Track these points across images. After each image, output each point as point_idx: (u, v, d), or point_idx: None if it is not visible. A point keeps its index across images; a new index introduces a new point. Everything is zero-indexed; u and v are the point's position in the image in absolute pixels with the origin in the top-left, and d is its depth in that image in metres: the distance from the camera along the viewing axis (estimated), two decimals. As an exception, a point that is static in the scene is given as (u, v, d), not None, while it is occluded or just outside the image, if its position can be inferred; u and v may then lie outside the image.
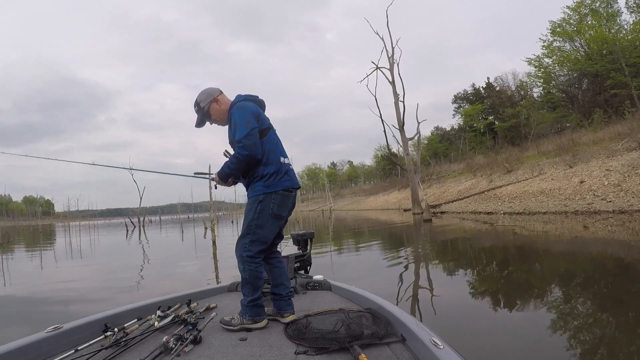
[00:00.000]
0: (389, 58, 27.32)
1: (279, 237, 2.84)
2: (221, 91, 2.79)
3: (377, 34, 27.55)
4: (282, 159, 2.65)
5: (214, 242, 12.54)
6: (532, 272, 6.56)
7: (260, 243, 2.59)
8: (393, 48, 27.27)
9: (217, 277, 7.80)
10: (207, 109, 2.73)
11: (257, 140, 2.51)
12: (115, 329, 2.28)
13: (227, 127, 2.75)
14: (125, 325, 2.43)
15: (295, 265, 3.78)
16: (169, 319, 2.56)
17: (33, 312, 5.67)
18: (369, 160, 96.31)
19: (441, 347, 1.73)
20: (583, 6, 34.78)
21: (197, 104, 2.75)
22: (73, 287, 7.50)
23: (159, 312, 2.60)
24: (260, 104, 2.80)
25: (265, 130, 2.63)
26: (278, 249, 2.92)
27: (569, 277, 5.99)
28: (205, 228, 22.61)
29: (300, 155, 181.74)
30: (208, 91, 2.75)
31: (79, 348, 2.07)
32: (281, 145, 2.75)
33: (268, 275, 2.80)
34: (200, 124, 2.82)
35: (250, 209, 2.60)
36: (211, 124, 2.83)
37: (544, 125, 36.29)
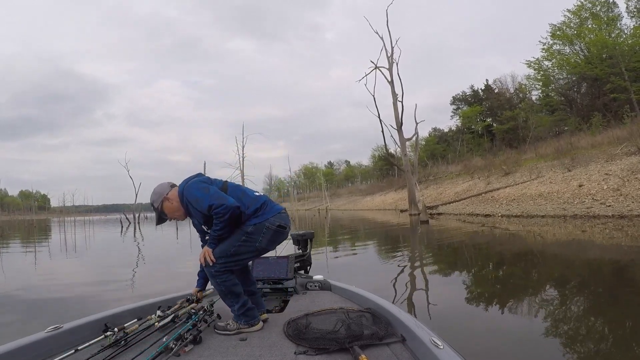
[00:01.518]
0: (388, 58, 27.21)
1: None
2: (172, 186, 2.72)
3: (377, 33, 27.50)
4: (255, 194, 2.66)
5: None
6: (529, 274, 6.57)
7: (233, 265, 2.55)
8: (392, 47, 27.20)
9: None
10: (160, 209, 2.67)
11: (221, 194, 2.49)
12: (115, 329, 2.26)
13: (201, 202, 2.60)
14: (125, 325, 2.41)
15: (295, 265, 3.74)
16: (169, 318, 2.56)
17: (25, 310, 5.49)
18: (366, 160, 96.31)
19: (441, 347, 1.73)
20: (584, 10, 34.77)
21: (151, 205, 2.71)
22: (62, 289, 7.32)
23: (158, 312, 2.59)
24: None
25: (223, 186, 2.63)
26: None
27: (565, 280, 6.01)
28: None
29: (297, 155, 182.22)
30: (158, 191, 2.69)
31: (79, 348, 2.05)
32: (245, 187, 2.74)
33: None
34: (159, 221, 2.77)
35: (234, 237, 2.53)
36: (170, 220, 2.78)
37: (542, 129, 36.27)
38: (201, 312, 2.67)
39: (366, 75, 27.86)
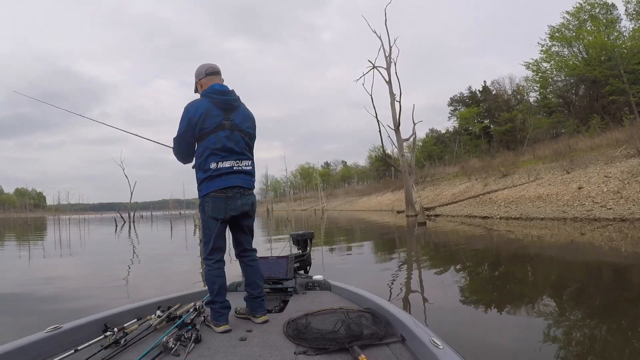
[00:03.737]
0: (386, 57, 26.96)
1: (244, 233, 2.82)
2: (207, 74, 2.82)
3: (375, 32, 27.19)
4: (215, 164, 2.60)
5: (200, 241, 12.11)
6: (528, 276, 6.58)
7: (210, 244, 2.64)
8: (390, 47, 26.93)
9: (203, 279, 7.42)
10: (195, 85, 2.93)
11: (179, 146, 2.73)
12: (115, 329, 2.27)
13: None
14: (124, 325, 2.43)
15: (295, 265, 3.74)
16: (169, 318, 2.58)
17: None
18: (362, 161, 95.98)
19: (441, 347, 1.72)
20: (582, 12, 34.66)
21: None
22: (55, 290, 7.08)
23: (158, 312, 2.59)
24: (223, 103, 2.70)
25: (205, 134, 2.62)
26: (254, 247, 2.91)
27: (562, 282, 6.00)
28: (195, 225, 22.23)
29: (294, 155, 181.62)
30: (199, 70, 2.87)
31: (78, 348, 2.04)
32: (227, 148, 2.64)
33: (242, 274, 2.87)
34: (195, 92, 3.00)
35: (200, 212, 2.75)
36: None
37: (539, 130, 36.13)
38: (201, 311, 2.69)
39: (364, 75, 27.55)
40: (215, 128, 2.61)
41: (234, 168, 2.63)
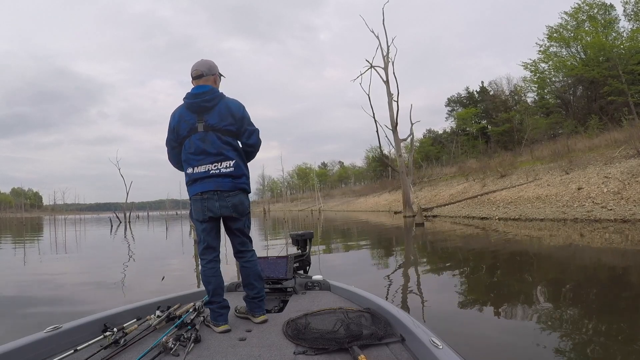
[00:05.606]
0: (383, 57, 26.84)
1: (234, 235, 2.78)
2: (193, 78, 2.76)
3: (373, 32, 27.04)
4: (191, 170, 2.66)
5: (195, 242, 11.93)
6: (526, 278, 6.57)
7: (201, 244, 2.69)
8: (388, 46, 26.83)
9: (198, 279, 7.27)
10: None
11: (168, 152, 2.85)
12: (115, 329, 2.25)
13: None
14: (124, 325, 2.42)
15: (295, 265, 3.73)
16: (168, 318, 2.57)
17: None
18: (359, 161, 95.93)
19: (440, 347, 1.72)
20: (581, 12, 34.63)
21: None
22: (50, 291, 6.92)
23: (158, 312, 2.58)
24: (193, 106, 2.66)
25: (182, 140, 2.69)
26: (251, 248, 2.86)
27: (561, 283, 5.99)
28: (190, 226, 22.03)
29: (291, 155, 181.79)
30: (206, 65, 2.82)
31: (78, 348, 2.03)
32: (201, 150, 2.63)
33: (238, 274, 3.00)
34: None
35: None
36: None
37: (538, 131, 36.10)
38: (200, 312, 2.68)
39: (361, 75, 27.39)
40: (189, 133, 2.65)
41: (211, 172, 2.62)
